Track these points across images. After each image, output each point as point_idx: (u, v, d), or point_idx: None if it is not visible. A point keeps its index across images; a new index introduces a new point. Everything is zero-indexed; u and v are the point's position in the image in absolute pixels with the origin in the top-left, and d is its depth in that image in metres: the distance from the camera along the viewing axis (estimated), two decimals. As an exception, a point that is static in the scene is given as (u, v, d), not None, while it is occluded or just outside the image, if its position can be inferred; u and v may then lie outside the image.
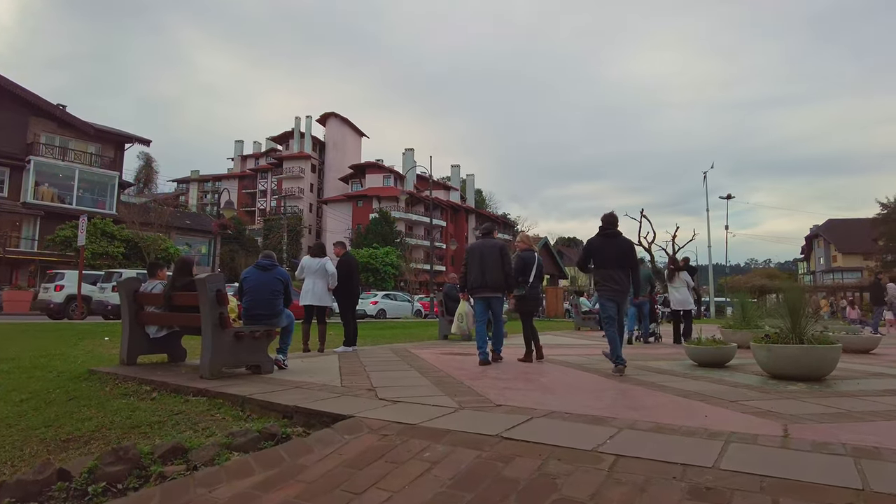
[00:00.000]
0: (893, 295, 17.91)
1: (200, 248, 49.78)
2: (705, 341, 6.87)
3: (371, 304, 26.32)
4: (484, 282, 6.80)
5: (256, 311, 5.77)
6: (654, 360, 7.77)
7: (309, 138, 73.02)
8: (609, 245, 6.36)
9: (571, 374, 6.05)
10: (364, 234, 52.98)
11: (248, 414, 4.14)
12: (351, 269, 8.59)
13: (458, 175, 76.25)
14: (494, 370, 6.17)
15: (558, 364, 6.99)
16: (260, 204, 77.23)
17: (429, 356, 7.60)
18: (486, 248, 6.91)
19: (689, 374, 6.07)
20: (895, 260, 53.45)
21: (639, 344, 11.09)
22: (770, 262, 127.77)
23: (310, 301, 8.22)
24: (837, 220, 76.79)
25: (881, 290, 16.75)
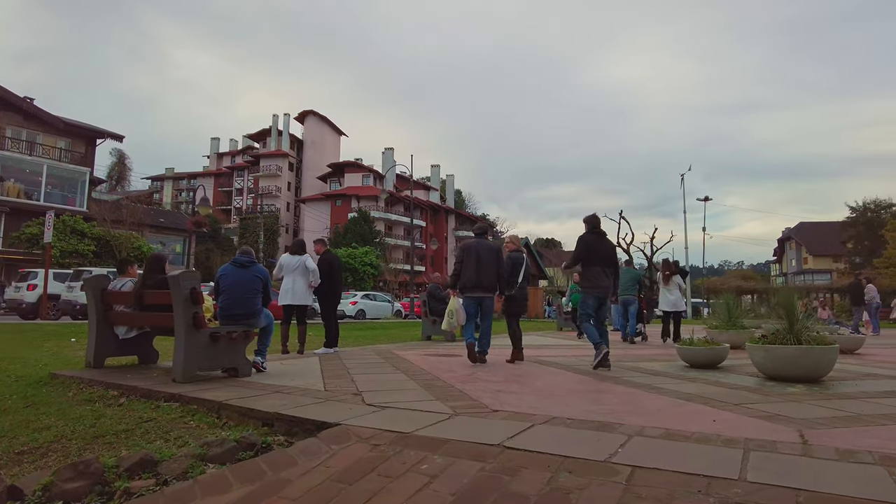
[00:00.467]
0: (872, 297, 18.21)
1: (175, 247, 48.65)
2: (698, 342, 6.73)
3: (350, 305, 25.94)
4: (479, 281, 6.74)
5: (233, 310, 5.44)
6: (645, 360, 7.62)
7: (287, 136, 72.08)
8: (600, 244, 6.63)
9: (564, 376, 5.84)
10: (342, 233, 52.39)
11: (224, 421, 3.83)
12: (332, 268, 8.29)
13: (437, 175, 76.05)
14: (484, 372, 5.94)
15: (548, 366, 6.79)
16: (236, 202, 75.97)
17: (414, 358, 7.33)
18: (482, 248, 6.87)
19: (684, 375, 5.91)
20: (863, 262, 54.69)
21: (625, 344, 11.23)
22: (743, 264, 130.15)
23: (289, 301, 7.91)
24: (808, 222, 78.47)
25: (861, 290, 16.93)
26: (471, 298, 6.92)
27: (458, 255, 7.07)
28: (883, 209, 55.89)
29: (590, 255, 6.54)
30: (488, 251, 6.87)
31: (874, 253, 51.08)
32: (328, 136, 74.35)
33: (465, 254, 6.88)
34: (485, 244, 6.95)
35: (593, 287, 6.55)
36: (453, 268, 7.17)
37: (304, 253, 8.11)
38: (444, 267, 69.61)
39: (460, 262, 6.91)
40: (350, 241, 49.28)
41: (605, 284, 6.53)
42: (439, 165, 76.01)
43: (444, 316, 7.43)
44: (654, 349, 9.94)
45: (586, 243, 6.59)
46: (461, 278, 6.90)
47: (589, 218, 6.79)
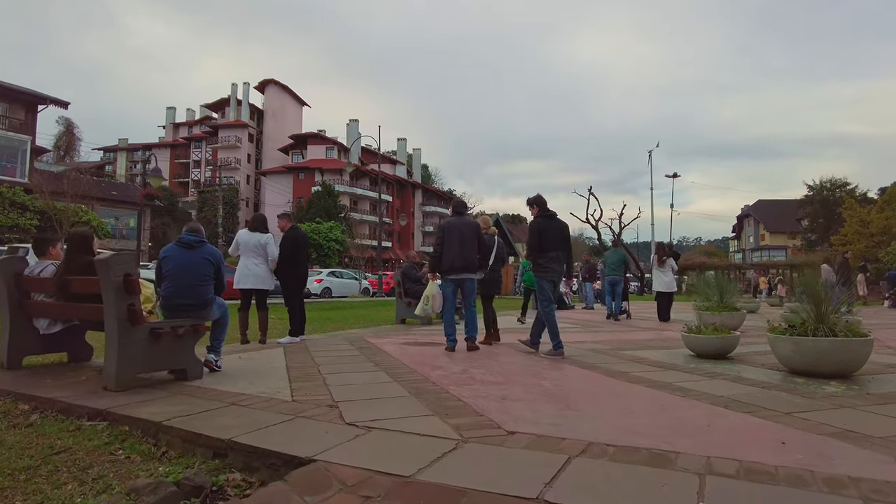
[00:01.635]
0: (826, 278, 18.26)
1: (129, 221, 46.29)
2: (707, 330, 6.13)
3: (315, 283, 24.87)
4: (463, 262, 6.34)
5: (180, 300, 4.51)
6: (640, 347, 7.02)
7: (246, 106, 69.22)
8: (552, 227, 6.35)
9: (567, 370, 5.14)
10: (306, 207, 50.81)
11: (163, 451, 2.97)
12: (298, 247, 7.37)
13: (404, 149, 74.47)
14: (478, 368, 5.19)
15: (538, 354, 6.09)
16: (194, 175, 72.98)
17: (393, 349, 6.53)
18: (464, 226, 6.46)
19: (699, 369, 5.29)
20: (819, 239, 56.22)
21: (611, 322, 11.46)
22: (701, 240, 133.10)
23: (249, 284, 6.98)
24: (766, 200, 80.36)
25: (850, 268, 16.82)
26: (451, 281, 6.51)
27: (437, 234, 6.62)
28: (838, 188, 57.32)
29: (543, 240, 6.26)
30: (470, 230, 6.46)
31: (829, 230, 52.48)
32: (290, 107, 71.73)
33: (445, 233, 6.42)
34: (466, 222, 6.55)
35: (549, 271, 6.29)
36: (433, 248, 6.63)
37: (265, 230, 7.17)
38: (411, 243, 68.66)
39: (440, 242, 6.43)
40: (314, 216, 47.77)
41: (560, 268, 6.35)
42: (406, 139, 74.37)
43: (420, 300, 6.72)
44: (641, 332, 9.40)
45: (538, 229, 6.29)
46: (443, 259, 6.39)
47: (535, 199, 6.48)
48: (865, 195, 50.25)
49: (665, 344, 7.55)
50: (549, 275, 6.28)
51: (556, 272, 6.31)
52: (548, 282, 6.30)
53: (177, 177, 74.92)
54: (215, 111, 73.84)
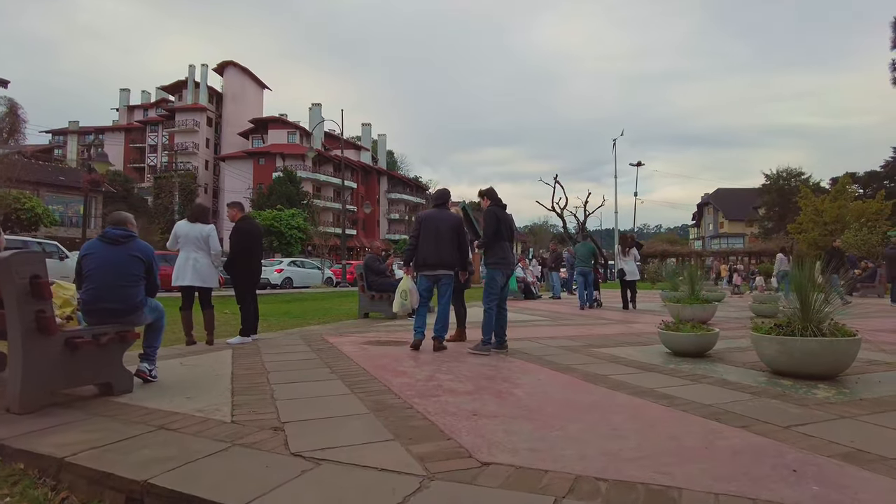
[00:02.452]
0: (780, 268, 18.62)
1: (78, 209, 44.19)
2: (685, 327, 5.83)
3: (276, 273, 24.04)
4: (439, 258, 6.04)
5: (104, 304, 3.91)
6: (614, 344, 6.71)
7: (205, 89, 66.78)
8: (506, 217, 6.15)
9: (542, 374, 4.76)
10: (267, 194, 49.44)
11: (63, 496, 2.45)
12: (251, 240, 6.79)
13: (369, 134, 73.28)
14: (445, 373, 4.76)
15: (513, 355, 5.71)
16: (150, 160, 70.28)
17: (353, 351, 6.04)
18: (441, 219, 6.15)
19: (677, 369, 4.99)
20: (776, 227, 57.77)
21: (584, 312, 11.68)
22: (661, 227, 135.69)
23: (188, 281, 6.36)
24: (725, 189, 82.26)
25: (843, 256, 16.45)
26: (426, 277, 6.19)
27: (414, 226, 6.29)
28: (793, 177, 58.86)
29: (499, 229, 6.03)
30: (449, 223, 6.14)
31: (784, 218, 53.91)
32: (250, 90, 69.54)
33: (422, 226, 6.13)
34: (444, 216, 6.23)
35: (503, 263, 6.03)
36: (408, 241, 6.33)
37: (206, 221, 6.57)
38: (377, 231, 67.81)
39: (416, 234, 6.13)
40: (275, 203, 46.51)
41: (513, 260, 6.26)
42: (370, 124, 73.19)
43: (396, 295, 6.30)
44: (611, 325, 9.13)
45: (496, 216, 6.04)
46: (418, 253, 6.11)
47: (487, 191, 6.27)
48: (818, 185, 51.69)
49: (639, 339, 7.27)
50: (503, 268, 6.01)
51: (509, 263, 6.08)
52: (501, 274, 6.00)
53: (132, 162, 72.04)
54: (172, 94, 71.08)
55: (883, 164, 50.38)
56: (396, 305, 6.26)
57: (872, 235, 30.36)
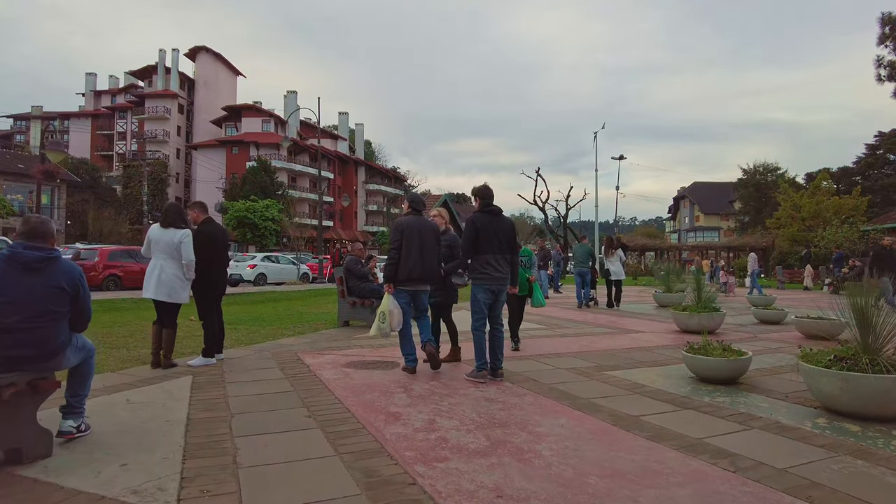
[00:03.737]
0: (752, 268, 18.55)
1: (41, 198, 42.17)
2: (715, 350, 5.12)
3: (248, 269, 22.91)
4: (422, 271, 5.30)
5: (9, 350, 2.99)
6: (627, 364, 6.00)
7: (176, 74, 64.46)
8: (493, 225, 5.24)
9: (561, 417, 3.99)
10: (240, 184, 47.87)
11: None
12: (215, 247, 5.88)
13: (346, 124, 71.75)
14: (446, 414, 3.95)
15: (522, 385, 4.94)
16: (118, 148, 67.72)
17: (334, 379, 5.19)
18: (424, 228, 5.42)
19: (714, 404, 4.28)
20: (752, 221, 58.15)
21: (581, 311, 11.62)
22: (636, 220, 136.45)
23: (151, 294, 5.51)
24: (701, 183, 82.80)
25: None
26: (408, 292, 5.40)
27: (393, 237, 5.38)
28: (769, 172, 59.26)
29: (478, 240, 5.16)
30: (431, 232, 5.47)
31: (761, 213, 54.24)
32: (223, 76, 67.38)
33: (404, 235, 5.30)
34: (426, 223, 5.52)
35: (484, 277, 5.17)
36: (389, 254, 5.37)
37: (181, 225, 5.65)
38: (354, 223, 66.60)
39: (398, 246, 5.29)
40: (249, 194, 45.04)
41: (500, 275, 5.20)
42: (347, 113, 71.65)
43: (375, 318, 5.39)
44: (612, 334, 8.43)
45: (475, 226, 5.19)
46: (402, 267, 5.26)
47: (480, 190, 5.42)
48: (794, 180, 52.04)
49: (651, 356, 6.58)
50: (486, 282, 5.17)
51: (494, 279, 5.18)
52: (483, 290, 5.18)
53: (99, 150, 69.43)
54: (141, 79, 68.52)
55: (855, 160, 50.94)
56: (374, 329, 5.36)
57: (851, 232, 30.39)
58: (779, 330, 9.10)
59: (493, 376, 5.16)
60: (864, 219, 33.84)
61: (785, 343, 7.65)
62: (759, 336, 8.36)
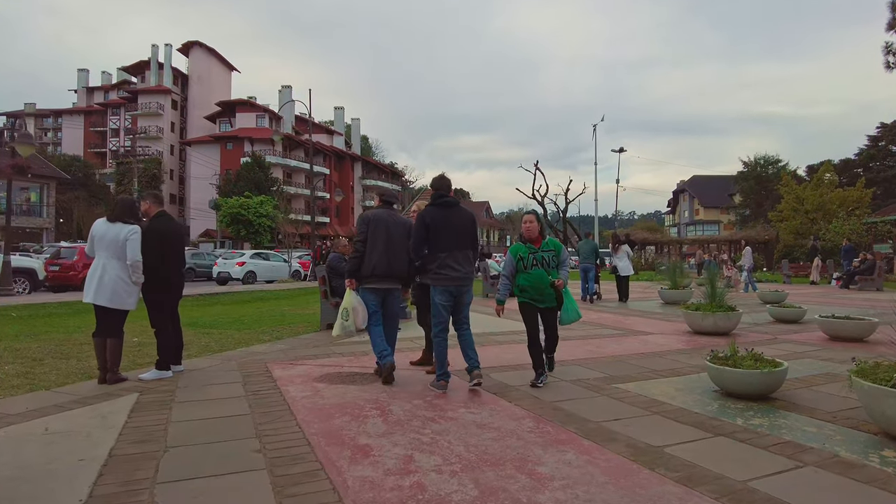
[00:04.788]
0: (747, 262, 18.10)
1: (30, 195, 41.37)
2: (745, 361, 4.40)
3: (237, 266, 22.14)
4: (387, 267, 4.91)
5: None
6: (640, 373, 5.29)
7: (169, 70, 63.55)
8: (448, 218, 4.75)
9: (567, 450, 3.27)
10: (234, 180, 46.98)
11: None
12: (168, 245, 5.15)
13: (342, 118, 70.87)
14: (427, 447, 3.22)
15: (520, 402, 4.22)
16: (112, 144, 66.84)
17: (301, 397, 4.47)
18: (392, 222, 5.04)
19: (749, 428, 3.57)
20: (752, 214, 57.43)
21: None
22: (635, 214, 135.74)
23: (90, 298, 4.82)
24: (701, 176, 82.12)
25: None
26: (374, 291, 4.98)
27: (359, 229, 5.02)
28: (771, 164, 58.53)
29: (434, 236, 4.69)
30: (400, 227, 5.06)
31: (762, 206, 53.52)
32: (217, 72, 66.43)
33: (370, 228, 4.94)
34: (396, 218, 5.16)
35: (441, 278, 4.66)
36: (353, 246, 5.04)
37: (130, 221, 4.94)
38: (351, 219, 65.78)
39: (363, 239, 4.92)
40: (243, 190, 44.21)
41: (459, 274, 4.70)
42: (343, 108, 70.77)
43: (337, 315, 4.94)
44: (619, 336, 7.71)
45: (424, 221, 4.72)
46: (366, 262, 4.89)
47: (434, 181, 4.98)
48: (795, 172, 51.28)
49: (664, 362, 5.87)
50: (443, 283, 4.65)
51: (451, 279, 4.67)
52: (441, 293, 4.66)
53: (92, 146, 68.62)
54: (134, 75, 67.61)
55: (857, 152, 50.21)
56: (337, 328, 4.92)
57: (856, 224, 29.68)
58: (799, 330, 8.38)
59: (471, 378, 4.65)
60: (869, 210, 33.16)
61: (809, 346, 6.94)
62: (779, 337, 7.64)
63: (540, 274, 4.80)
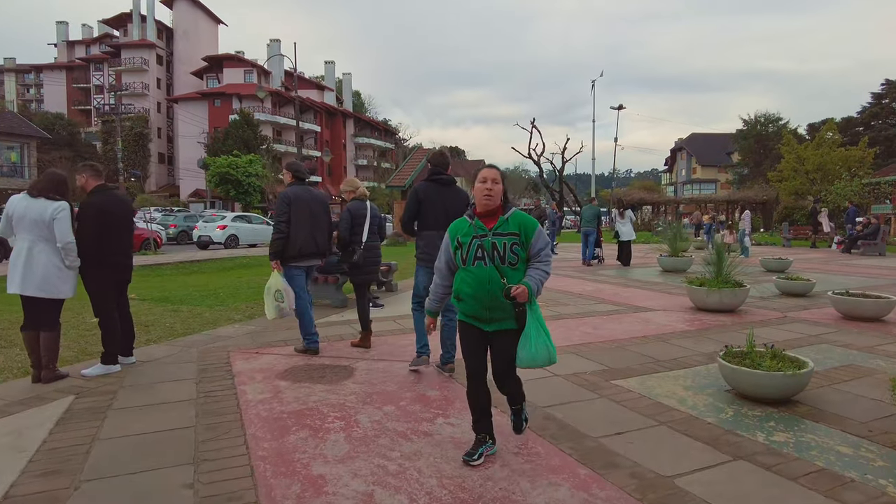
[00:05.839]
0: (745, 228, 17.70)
1: (10, 156, 40.08)
2: (764, 360, 3.84)
3: (219, 230, 21.42)
4: (315, 246, 5.12)
5: None
6: (643, 365, 4.76)
7: (152, 23, 61.09)
8: (442, 197, 4.58)
9: (560, 482, 2.75)
10: (222, 138, 45.68)
11: None
12: (110, 222, 4.51)
13: (332, 74, 68.75)
14: (392, 487, 2.69)
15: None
16: (96, 101, 64.81)
17: (258, 406, 3.92)
18: (312, 200, 5.15)
19: (773, 448, 3.05)
20: (751, 174, 56.61)
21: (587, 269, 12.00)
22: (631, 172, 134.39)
23: (16, 288, 4.20)
24: (699, 134, 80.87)
25: None
26: (301, 269, 5.13)
27: (280, 209, 4.96)
28: (771, 122, 57.35)
29: (424, 213, 4.56)
30: (321, 206, 5.20)
31: (761, 165, 52.67)
32: (203, 25, 63.98)
33: (292, 207, 4.94)
34: (315, 195, 5.27)
35: (427, 259, 4.49)
36: (276, 227, 4.96)
37: (58, 196, 4.29)
38: (344, 178, 64.57)
39: (286, 220, 4.91)
40: (231, 148, 42.99)
41: None
42: (334, 62, 68.60)
43: (266, 298, 4.88)
44: (621, 314, 7.18)
45: (418, 196, 4.58)
46: (292, 242, 4.93)
47: (433, 156, 4.81)
48: (796, 131, 50.22)
49: (668, 349, 5.36)
50: (428, 264, 4.42)
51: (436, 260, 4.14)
52: (424, 273, 4.52)
53: (76, 103, 66.59)
54: (116, 28, 65.01)
55: (860, 110, 49.08)
56: (272, 311, 4.86)
57: (859, 185, 29.00)
58: (808, 305, 7.87)
59: (444, 370, 4.53)
60: (871, 171, 32.40)
61: (823, 326, 6.42)
62: (789, 315, 7.13)
63: (486, 274, 2.78)
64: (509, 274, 2.74)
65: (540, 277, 2.77)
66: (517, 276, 2.75)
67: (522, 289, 2.65)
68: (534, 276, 2.75)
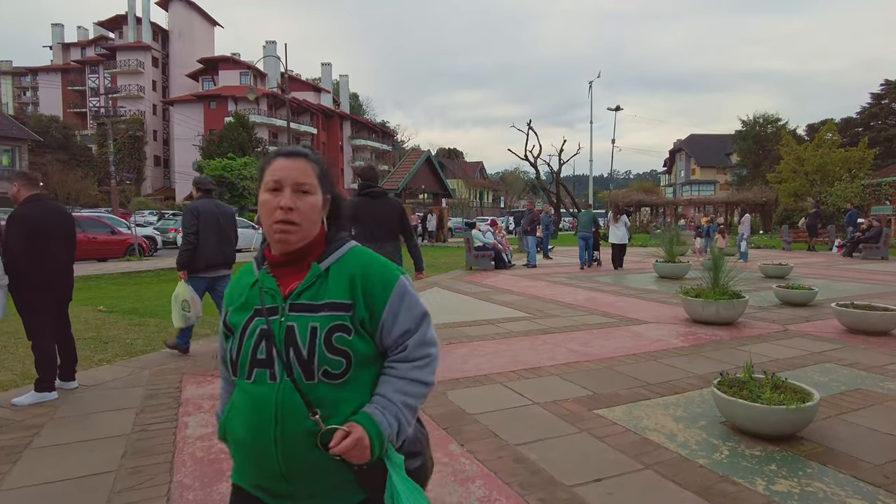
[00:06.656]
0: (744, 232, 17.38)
1: (1, 159, 39.65)
2: (765, 392, 3.42)
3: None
4: (223, 258, 5.34)
5: None
6: (632, 390, 4.35)
7: (148, 25, 60.79)
8: (373, 208, 4.78)
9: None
10: (217, 141, 45.29)
11: None
12: (43, 236, 4.09)
13: (329, 75, 68.35)
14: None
15: (472, 444, 3.27)
16: (91, 104, 64.37)
17: (195, 445, 3.49)
18: (220, 213, 5.36)
19: (768, 498, 2.64)
20: (750, 175, 56.22)
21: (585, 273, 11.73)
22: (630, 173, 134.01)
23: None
24: (698, 134, 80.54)
25: None
26: (203, 279, 5.27)
27: (188, 221, 5.13)
28: (770, 123, 56.97)
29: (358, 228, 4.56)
30: (228, 216, 5.47)
31: (760, 166, 52.26)
32: (199, 27, 63.66)
33: (200, 220, 5.13)
34: (222, 208, 5.48)
35: None
36: (184, 238, 5.12)
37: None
38: (341, 180, 64.15)
39: (195, 231, 5.09)
40: (226, 151, 42.61)
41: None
42: (331, 64, 68.17)
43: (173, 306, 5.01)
44: (613, 327, 6.77)
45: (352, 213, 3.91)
46: (199, 254, 5.13)
47: (362, 171, 5.12)
48: (795, 132, 49.86)
49: (659, 369, 4.94)
50: None
51: None
52: None
53: (72, 106, 66.14)
54: (111, 30, 64.69)
55: (859, 110, 48.70)
56: (178, 319, 5.00)
57: (859, 187, 28.60)
58: (810, 316, 7.46)
59: None
60: (871, 172, 31.97)
61: (827, 342, 6.00)
62: (790, 329, 6.71)
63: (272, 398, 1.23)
64: (329, 397, 1.24)
65: (404, 401, 1.29)
66: (348, 401, 1.26)
67: (355, 437, 1.19)
68: (389, 400, 1.28)
